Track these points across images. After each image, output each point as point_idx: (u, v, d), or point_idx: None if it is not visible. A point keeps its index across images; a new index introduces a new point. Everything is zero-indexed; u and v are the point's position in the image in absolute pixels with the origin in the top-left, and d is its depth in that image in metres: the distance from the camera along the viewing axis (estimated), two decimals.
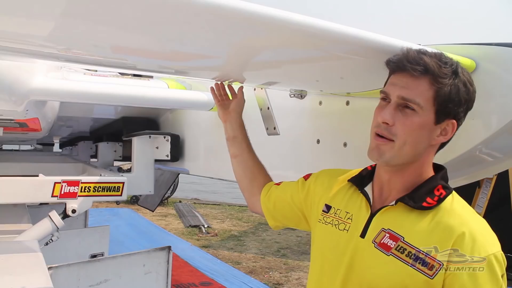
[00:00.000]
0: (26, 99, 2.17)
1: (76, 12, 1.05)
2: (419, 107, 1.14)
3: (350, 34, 1.20)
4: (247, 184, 1.77)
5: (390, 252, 1.17)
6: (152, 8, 0.98)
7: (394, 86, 1.18)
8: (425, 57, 1.14)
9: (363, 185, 1.33)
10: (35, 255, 2.05)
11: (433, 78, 1.14)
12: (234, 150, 1.81)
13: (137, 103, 2.89)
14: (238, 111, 1.84)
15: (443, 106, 1.16)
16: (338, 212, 1.34)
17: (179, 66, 1.89)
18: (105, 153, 4.44)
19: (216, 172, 3.06)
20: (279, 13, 1.07)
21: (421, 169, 1.24)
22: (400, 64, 1.16)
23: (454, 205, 1.19)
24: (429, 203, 1.18)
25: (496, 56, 1.41)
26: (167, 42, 1.38)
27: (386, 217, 1.23)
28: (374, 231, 1.22)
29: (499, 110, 1.42)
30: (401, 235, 1.17)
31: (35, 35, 1.31)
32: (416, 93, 1.14)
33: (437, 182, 1.23)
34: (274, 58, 1.52)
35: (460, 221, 1.14)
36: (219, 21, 1.07)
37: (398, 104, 1.16)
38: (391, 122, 1.16)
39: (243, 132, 1.82)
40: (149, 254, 2.85)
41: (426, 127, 1.17)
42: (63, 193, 2.52)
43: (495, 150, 1.59)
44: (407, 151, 1.18)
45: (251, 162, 1.78)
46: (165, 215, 12.34)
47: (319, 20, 1.13)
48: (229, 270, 7.33)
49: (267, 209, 1.66)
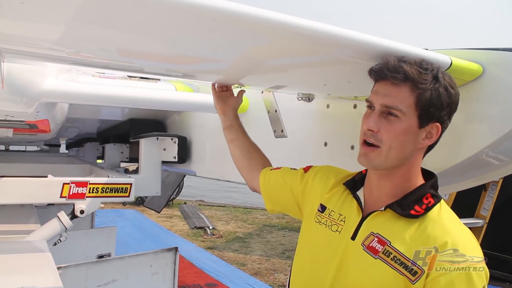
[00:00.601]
0: (37, 101, 2.20)
1: (85, 17, 1.07)
2: (402, 113, 1.19)
3: (356, 39, 1.22)
4: (245, 162, 1.85)
5: (377, 256, 1.21)
6: (162, 13, 1.00)
7: (377, 95, 1.22)
8: (405, 65, 1.18)
9: (355, 189, 1.38)
10: (45, 255, 2.07)
11: (413, 84, 1.18)
12: (231, 136, 1.90)
13: (145, 105, 2.91)
14: (235, 107, 1.93)
15: (425, 111, 1.20)
16: (332, 213, 1.39)
17: (186, 69, 1.93)
18: (112, 154, 4.47)
19: (223, 174, 3.07)
20: (285, 18, 1.08)
21: (410, 172, 1.28)
22: (381, 73, 1.21)
23: (441, 215, 1.23)
24: (416, 211, 1.22)
25: (503, 61, 1.43)
26: (175, 47, 1.41)
27: (375, 222, 1.27)
28: (363, 234, 1.27)
29: (505, 114, 1.43)
30: (388, 239, 1.21)
31: (45, 39, 1.34)
32: (398, 100, 1.18)
33: (426, 190, 1.27)
34: (281, 63, 1.54)
35: (444, 231, 1.18)
36: (226, 25, 1.08)
37: (381, 111, 1.21)
38: (376, 129, 1.20)
39: (238, 121, 1.92)
40: (156, 255, 2.88)
41: (410, 131, 1.21)
42: (71, 194, 2.55)
43: (502, 154, 1.60)
44: (393, 155, 1.22)
45: (247, 143, 1.87)
46: (170, 216, 12.36)
47: (326, 25, 1.15)
48: (234, 272, 7.35)
49: (265, 190, 1.71)
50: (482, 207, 4.98)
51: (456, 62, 1.40)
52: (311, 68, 1.60)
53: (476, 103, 1.51)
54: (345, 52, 1.33)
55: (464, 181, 1.83)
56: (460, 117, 1.55)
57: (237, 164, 1.89)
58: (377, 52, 1.27)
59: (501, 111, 1.45)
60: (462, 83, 1.50)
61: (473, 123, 1.54)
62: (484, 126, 1.49)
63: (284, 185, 1.63)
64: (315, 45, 1.23)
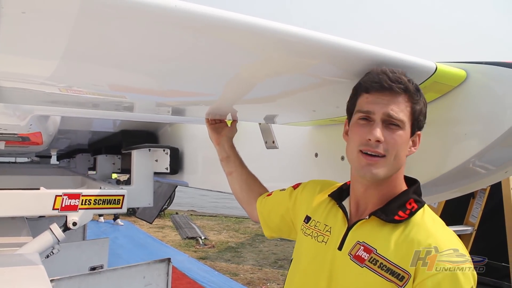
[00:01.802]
0: (30, 114, 2.20)
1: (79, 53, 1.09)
2: (402, 123, 1.22)
3: (342, 55, 1.22)
4: (244, 196, 1.86)
5: (364, 264, 1.22)
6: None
7: (377, 105, 1.22)
8: (402, 76, 1.21)
9: (341, 199, 1.39)
10: (37, 268, 2.06)
11: (410, 95, 1.22)
12: (229, 169, 1.91)
13: (136, 117, 2.93)
14: (230, 136, 1.95)
15: (417, 120, 1.26)
16: (318, 224, 1.40)
17: (175, 102, 1.94)
18: (104, 165, 4.46)
19: (215, 184, 3.09)
20: (265, 23, 1.03)
21: (396, 181, 1.30)
22: (384, 84, 1.20)
23: (424, 219, 1.24)
24: (400, 217, 1.23)
25: (487, 72, 1.46)
26: (164, 79, 1.42)
27: (361, 230, 1.28)
28: (350, 243, 1.27)
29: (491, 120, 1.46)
30: (374, 247, 1.23)
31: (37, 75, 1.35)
32: (399, 109, 1.21)
33: (409, 196, 1.29)
34: (268, 87, 1.54)
35: (427, 234, 1.19)
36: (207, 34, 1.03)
37: (383, 120, 1.22)
38: (382, 140, 1.21)
39: (234, 151, 1.93)
40: (149, 266, 2.88)
41: (407, 140, 1.25)
42: (64, 206, 2.54)
43: (488, 163, 1.63)
44: (396, 164, 1.24)
45: (245, 175, 1.88)
46: (162, 227, 12.32)
47: (311, 32, 1.13)
48: (226, 282, 7.34)
49: (262, 218, 1.73)
50: (471, 215, 5.04)
51: (441, 68, 1.42)
52: (299, 93, 1.61)
53: (461, 109, 1.53)
54: (331, 71, 1.33)
55: (452, 190, 1.86)
56: (447, 125, 1.59)
57: (237, 198, 1.91)
58: (362, 61, 1.26)
59: (486, 116, 1.47)
60: (448, 89, 1.53)
61: (460, 131, 1.56)
62: (471, 134, 1.51)
63: (277, 209, 1.66)
64: (298, 54, 1.20)
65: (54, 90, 1.59)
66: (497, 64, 1.45)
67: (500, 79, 1.44)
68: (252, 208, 1.79)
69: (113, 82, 1.48)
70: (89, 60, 1.17)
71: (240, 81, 1.43)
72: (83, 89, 1.64)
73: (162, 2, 0.84)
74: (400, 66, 1.30)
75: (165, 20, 0.89)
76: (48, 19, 0.85)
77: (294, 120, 2.12)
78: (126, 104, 2.01)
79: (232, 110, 1.87)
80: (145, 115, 2.71)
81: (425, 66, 1.37)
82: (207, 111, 1.92)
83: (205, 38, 1.02)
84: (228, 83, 1.46)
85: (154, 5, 0.83)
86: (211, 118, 1.98)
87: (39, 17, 0.84)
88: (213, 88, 1.55)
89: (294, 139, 2.28)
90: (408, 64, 1.32)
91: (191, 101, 1.90)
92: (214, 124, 1.98)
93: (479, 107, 1.49)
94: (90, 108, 2.29)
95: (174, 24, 0.92)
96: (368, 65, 1.27)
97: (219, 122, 1.98)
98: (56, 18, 0.85)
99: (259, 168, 1.93)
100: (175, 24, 0.92)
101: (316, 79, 1.43)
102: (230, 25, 0.96)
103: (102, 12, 0.83)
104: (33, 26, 0.88)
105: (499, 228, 4.92)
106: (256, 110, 1.98)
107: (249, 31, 1.00)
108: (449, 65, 1.48)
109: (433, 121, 1.62)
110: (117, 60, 1.19)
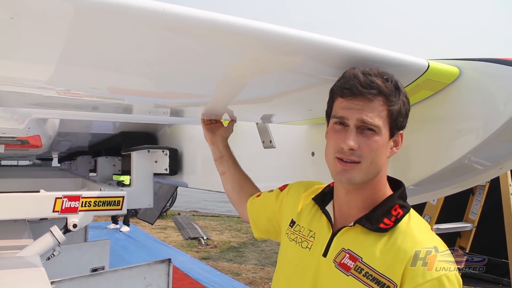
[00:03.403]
0: (28, 117, 2.22)
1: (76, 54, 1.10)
2: (378, 128, 1.18)
3: (338, 53, 1.22)
4: (236, 196, 1.86)
5: (349, 273, 1.19)
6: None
7: (351, 110, 1.19)
8: (375, 79, 1.17)
9: (324, 203, 1.37)
10: (38, 270, 2.08)
11: (385, 98, 1.18)
12: (222, 168, 1.91)
13: (135, 118, 2.94)
14: (225, 136, 1.94)
15: (396, 122, 1.22)
16: (302, 229, 1.38)
17: (172, 103, 1.96)
18: (104, 167, 4.49)
19: (215, 184, 3.09)
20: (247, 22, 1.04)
21: (379, 184, 1.28)
22: (355, 90, 1.18)
23: (410, 225, 1.21)
24: (386, 224, 1.21)
25: (479, 68, 1.47)
26: (161, 81, 1.43)
27: (346, 237, 1.25)
28: (335, 250, 1.25)
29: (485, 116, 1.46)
30: (359, 255, 1.20)
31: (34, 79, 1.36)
32: (374, 115, 1.17)
33: (394, 201, 1.26)
34: (263, 87, 1.54)
35: (414, 242, 1.16)
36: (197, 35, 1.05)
37: (357, 126, 1.19)
38: (356, 147, 1.18)
39: (228, 151, 1.92)
40: (150, 267, 2.89)
41: (385, 144, 1.21)
42: (64, 208, 2.56)
43: (483, 159, 1.64)
44: (372, 169, 1.21)
45: (237, 175, 1.87)
46: (164, 227, 12.34)
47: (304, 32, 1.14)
48: (229, 282, 7.35)
49: (252, 219, 1.72)
50: (470, 211, 5.04)
51: (433, 65, 1.42)
52: (294, 93, 1.61)
53: (455, 106, 1.53)
54: (326, 70, 1.33)
55: (449, 186, 1.86)
56: (441, 122, 1.59)
57: (229, 198, 1.91)
58: (353, 59, 1.25)
59: (480, 113, 1.48)
60: (442, 87, 1.53)
61: (454, 128, 1.56)
62: (465, 130, 1.52)
63: (264, 210, 1.65)
64: (281, 52, 1.20)
65: (42, 93, 1.61)
66: (490, 60, 1.45)
67: (493, 75, 1.44)
68: (243, 208, 1.78)
69: (105, 85, 1.48)
70: (80, 63, 1.18)
71: (230, 81, 1.44)
72: (72, 91, 1.64)
73: (151, 5, 0.85)
74: (391, 64, 1.30)
75: (154, 23, 0.91)
76: (38, 24, 0.86)
77: (290, 119, 2.13)
78: (123, 106, 2.02)
79: (227, 110, 1.88)
80: (143, 117, 2.72)
81: (417, 64, 1.37)
82: (203, 111, 1.93)
83: (191, 39, 1.04)
84: (220, 83, 1.46)
85: (143, 9, 0.84)
86: (207, 118, 1.99)
87: (28, 23, 0.85)
88: (205, 89, 1.56)
89: (291, 138, 2.29)
90: (399, 62, 1.32)
91: (186, 102, 1.91)
92: (209, 124, 1.98)
93: (472, 104, 1.49)
94: (84, 110, 2.30)
95: (163, 27, 0.93)
96: (359, 64, 1.27)
97: (214, 122, 1.98)
98: (45, 24, 0.86)
99: (257, 168, 1.94)
100: (163, 27, 0.93)
101: (309, 78, 1.43)
102: (212, 25, 0.97)
103: (91, 17, 0.84)
104: (23, 32, 0.89)
105: (500, 225, 4.92)
106: (252, 110, 1.99)
107: (231, 30, 1.01)
108: (442, 62, 1.48)
109: (428, 119, 1.63)
110: (108, 64, 1.20)
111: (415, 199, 1.96)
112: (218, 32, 1.00)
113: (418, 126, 1.65)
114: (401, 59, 1.32)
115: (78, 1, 0.79)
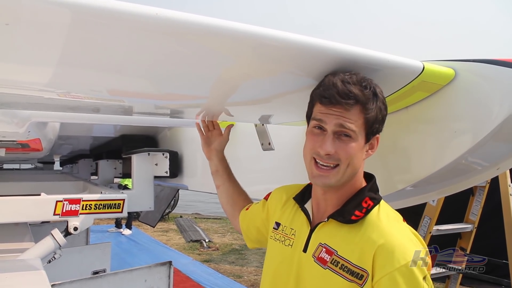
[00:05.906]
0: (28, 121, 2.23)
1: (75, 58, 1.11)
2: (355, 133, 1.23)
3: (340, 56, 1.24)
4: (229, 209, 1.92)
5: (326, 266, 1.25)
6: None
7: (329, 116, 1.23)
8: (353, 88, 1.20)
9: (303, 202, 1.43)
10: (38, 273, 2.09)
11: (362, 106, 1.22)
12: (217, 182, 1.97)
13: (136, 121, 2.96)
14: (219, 149, 1.99)
15: (371, 128, 1.26)
16: (285, 228, 1.43)
17: (171, 104, 1.97)
18: (105, 170, 4.50)
19: (214, 187, 3.10)
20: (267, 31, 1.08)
21: (356, 184, 1.33)
22: (333, 100, 1.21)
23: (379, 215, 1.26)
24: (357, 216, 1.25)
25: (475, 69, 1.47)
26: (159, 83, 1.45)
27: (322, 232, 1.31)
28: (313, 245, 1.30)
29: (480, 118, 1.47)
30: (335, 249, 1.25)
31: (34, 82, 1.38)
32: (351, 121, 1.22)
33: (364, 194, 1.31)
34: (261, 91, 1.57)
35: (381, 232, 1.21)
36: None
37: (334, 132, 1.23)
38: (333, 152, 1.23)
39: (224, 165, 1.97)
40: (150, 270, 2.90)
41: (361, 148, 1.26)
42: (64, 211, 2.58)
43: (480, 159, 1.64)
44: (349, 172, 1.26)
45: (231, 190, 1.92)
46: (166, 230, 12.33)
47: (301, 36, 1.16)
48: (230, 284, 7.34)
49: (243, 232, 1.78)
50: (470, 212, 5.02)
51: (428, 67, 1.43)
52: (291, 94, 1.62)
53: (451, 107, 1.54)
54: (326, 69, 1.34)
55: (447, 187, 1.86)
56: (437, 123, 1.60)
57: (224, 210, 1.96)
58: (344, 60, 1.27)
59: (476, 113, 1.48)
60: (437, 88, 1.54)
61: (450, 129, 1.56)
62: (461, 131, 1.52)
63: (253, 222, 1.70)
64: (273, 57, 1.22)
65: (42, 95, 1.63)
66: (485, 61, 1.46)
67: (488, 76, 1.45)
68: (237, 221, 1.83)
69: (104, 87, 1.50)
70: (78, 67, 1.20)
71: (225, 83, 1.46)
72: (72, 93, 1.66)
73: (143, 11, 0.87)
74: (386, 66, 1.31)
75: (147, 28, 0.92)
76: (32, 30, 0.87)
77: (288, 120, 2.14)
78: (123, 108, 2.03)
79: (225, 111, 1.89)
80: (143, 119, 2.73)
81: (412, 66, 1.38)
82: (201, 112, 1.95)
83: (184, 42, 1.06)
84: (215, 85, 1.48)
85: (135, 14, 0.86)
86: (206, 119, 2.01)
87: (24, 28, 0.86)
88: (201, 91, 1.57)
89: (289, 139, 2.29)
90: (394, 65, 1.33)
91: (184, 103, 1.92)
92: (207, 131, 2.02)
93: (468, 105, 1.50)
94: (84, 112, 2.31)
95: (157, 31, 0.95)
96: (353, 66, 1.29)
97: (212, 128, 2.01)
98: (39, 29, 0.87)
99: (256, 170, 1.95)
100: (157, 31, 0.95)
101: (307, 79, 1.44)
102: (204, 28, 0.99)
103: (84, 22, 0.86)
104: (19, 37, 0.90)
105: (500, 226, 4.91)
106: (250, 111, 2.00)
107: (224, 34, 1.03)
108: (437, 64, 1.49)
109: (424, 120, 1.63)
110: (105, 67, 1.22)
111: (414, 200, 1.97)
112: (211, 36, 1.02)
113: (415, 127, 1.66)
114: (396, 61, 1.33)
115: (72, 7, 0.81)
